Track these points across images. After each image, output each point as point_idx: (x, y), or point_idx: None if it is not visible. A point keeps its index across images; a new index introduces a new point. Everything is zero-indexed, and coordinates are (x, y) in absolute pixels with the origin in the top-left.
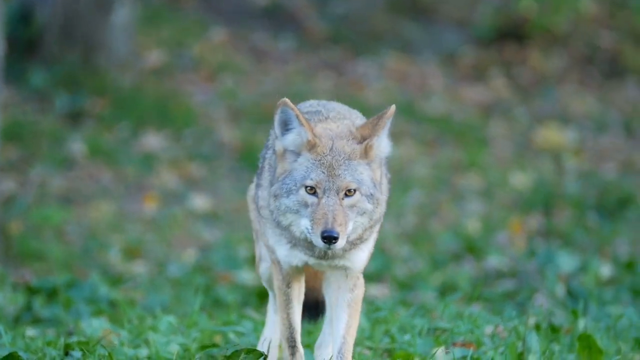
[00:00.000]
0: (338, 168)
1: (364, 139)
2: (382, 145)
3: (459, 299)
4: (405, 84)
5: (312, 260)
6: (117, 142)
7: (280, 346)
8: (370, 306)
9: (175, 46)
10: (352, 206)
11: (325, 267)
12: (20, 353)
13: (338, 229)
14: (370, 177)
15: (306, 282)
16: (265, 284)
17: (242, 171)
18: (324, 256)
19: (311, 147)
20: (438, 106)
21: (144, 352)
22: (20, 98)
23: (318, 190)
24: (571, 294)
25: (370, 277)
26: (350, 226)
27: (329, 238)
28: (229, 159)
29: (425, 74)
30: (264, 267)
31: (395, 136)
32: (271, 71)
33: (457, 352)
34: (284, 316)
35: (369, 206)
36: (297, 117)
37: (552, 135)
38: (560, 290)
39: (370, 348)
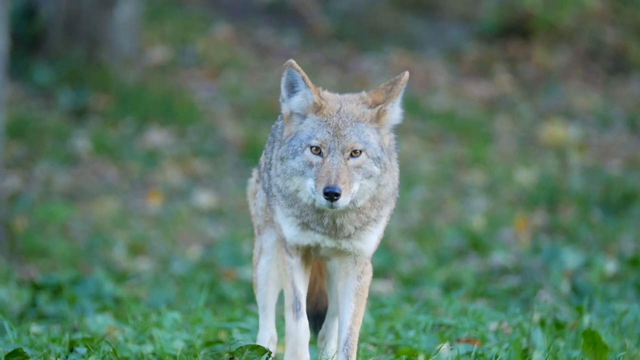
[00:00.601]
0: (344, 129)
1: (376, 104)
2: (395, 112)
3: (463, 295)
4: (409, 80)
5: (320, 239)
6: (121, 138)
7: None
8: (374, 302)
9: (179, 42)
10: (357, 167)
11: (334, 252)
12: (25, 349)
13: (341, 186)
14: (378, 140)
15: (308, 286)
16: (259, 285)
17: (246, 167)
18: (332, 230)
19: (317, 109)
20: (442, 102)
21: (148, 348)
22: (24, 94)
23: (323, 150)
24: (576, 290)
25: (375, 273)
26: (355, 187)
27: (331, 194)
28: (232, 155)
29: (430, 70)
30: (264, 262)
31: (399, 132)
32: (275, 67)
33: (462, 348)
34: (288, 284)
35: (376, 169)
36: (303, 79)
37: (557, 131)
38: (565, 286)
39: (374, 344)
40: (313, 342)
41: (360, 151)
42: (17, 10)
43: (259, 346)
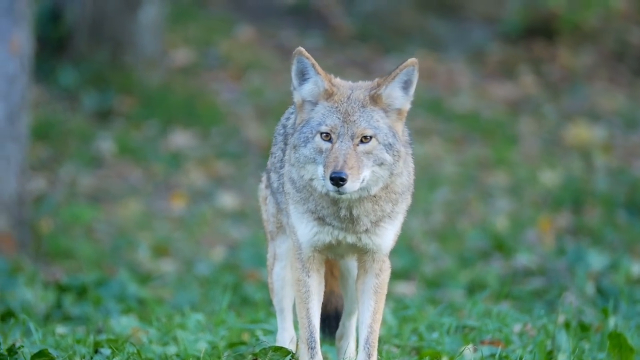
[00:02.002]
0: (353, 114)
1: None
2: (393, 95)
3: (487, 297)
4: (432, 81)
5: (338, 234)
6: (145, 140)
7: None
8: (398, 304)
9: (203, 44)
10: (368, 153)
11: (352, 249)
12: (51, 350)
13: (348, 171)
14: (388, 125)
15: (326, 284)
16: (276, 290)
17: None
18: (349, 223)
19: (328, 95)
20: (466, 103)
21: (172, 349)
22: (49, 97)
23: (333, 136)
24: (601, 292)
25: (399, 274)
26: (365, 173)
27: (336, 179)
28: (256, 156)
29: (453, 71)
30: (278, 268)
31: (422, 133)
32: None
33: (485, 350)
34: (303, 313)
35: (388, 157)
36: (313, 66)
37: (582, 132)
38: (590, 288)
39: (398, 346)
40: (331, 342)
41: (371, 137)
42: (43, 13)
43: (282, 347)
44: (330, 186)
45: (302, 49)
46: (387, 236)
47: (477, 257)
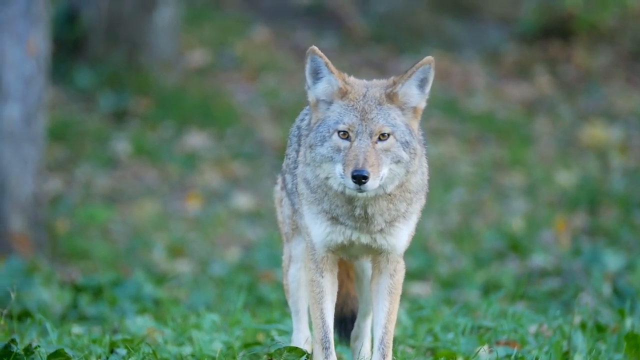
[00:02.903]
0: (370, 112)
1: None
2: (410, 93)
3: (502, 297)
4: (448, 82)
5: (351, 234)
6: (160, 141)
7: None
8: (413, 304)
9: (218, 45)
10: (386, 150)
11: (367, 250)
12: (67, 350)
13: (369, 169)
14: (405, 122)
15: (342, 286)
16: (291, 292)
17: None
18: (364, 222)
19: (343, 94)
20: (481, 104)
21: (187, 350)
22: (66, 98)
23: (351, 134)
24: (617, 293)
25: (414, 275)
26: (384, 171)
27: (359, 177)
28: (271, 157)
29: (468, 72)
30: (294, 269)
31: (438, 134)
32: None
33: (501, 351)
34: (317, 314)
35: (405, 155)
36: (327, 65)
37: (598, 132)
38: (606, 289)
39: (413, 346)
40: (347, 344)
41: (389, 134)
42: (59, 14)
43: (297, 348)
44: (351, 184)
45: (315, 47)
46: (401, 236)
47: (492, 258)
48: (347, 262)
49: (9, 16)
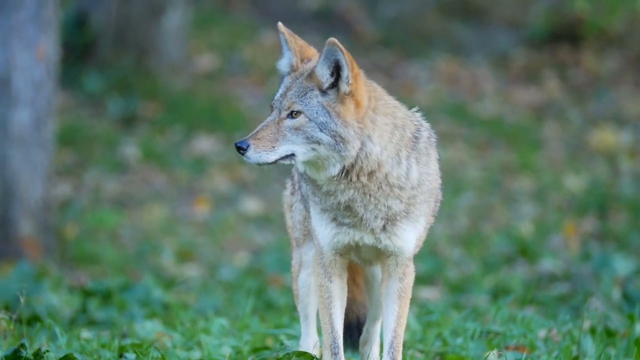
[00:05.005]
0: (290, 89)
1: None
2: (322, 74)
3: (511, 302)
4: (456, 86)
5: (354, 234)
6: (169, 145)
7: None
8: (422, 309)
9: (227, 50)
10: (296, 129)
11: (375, 252)
12: (76, 355)
13: (253, 141)
14: (322, 104)
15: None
16: (301, 297)
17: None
18: (353, 218)
19: (293, 71)
20: (489, 108)
21: (196, 354)
22: (75, 103)
23: (274, 109)
24: (627, 298)
25: (422, 279)
26: (288, 147)
27: (237, 147)
28: None
29: (477, 76)
30: (304, 274)
31: (446, 138)
32: None
33: (510, 355)
34: (326, 319)
35: (324, 136)
36: (287, 41)
37: (607, 137)
38: (616, 293)
39: (422, 351)
40: (354, 350)
41: (298, 112)
42: (69, 20)
43: (305, 352)
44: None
45: (280, 24)
46: (407, 238)
47: (501, 262)
48: (356, 267)
49: (18, 21)
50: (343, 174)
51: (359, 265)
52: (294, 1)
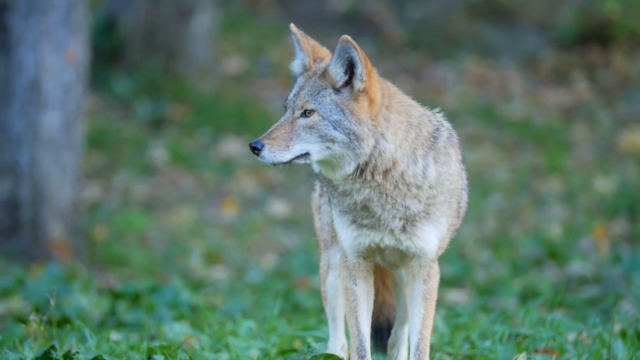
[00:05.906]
0: (304, 88)
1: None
2: (336, 72)
3: (540, 305)
4: (484, 88)
5: (374, 236)
6: (197, 148)
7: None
8: (449, 312)
9: (254, 52)
10: (310, 127)
11: (398, 254)
12: (105, 356)
13: (268, 141)
14: (335, 102)
15: (378, 295)
16: (328, 299)
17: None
18: (370, 218)
19: (305, 71)
20: (518, 110)
21: (224, 356)
22: (104, 105)
23: (288, 109)
24: None
25: (450, 282)
26: (302, 146)
27: (251, 147)
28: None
29: (505, 78)
30: (332, 276)
31: (474, 140)
32: None
33: (539, 358)
34: (353, 322)
35: (338, 134)
36: (298, 42)
37: (637, 138)
38: None
39: (450, 354)
40: (384, 353)
41: (312, 110)
42: (98, 23)
43: (333, 355)
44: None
45: (292, 25)
46: (428, 239)
47: (530, 265)
48: (384, 270)
49: (48, 25)
50: (358, 173)
51: (385, 267)
52: (322, 3)
